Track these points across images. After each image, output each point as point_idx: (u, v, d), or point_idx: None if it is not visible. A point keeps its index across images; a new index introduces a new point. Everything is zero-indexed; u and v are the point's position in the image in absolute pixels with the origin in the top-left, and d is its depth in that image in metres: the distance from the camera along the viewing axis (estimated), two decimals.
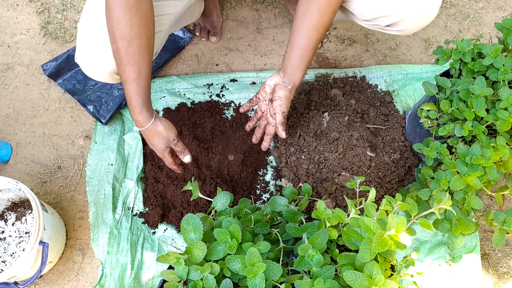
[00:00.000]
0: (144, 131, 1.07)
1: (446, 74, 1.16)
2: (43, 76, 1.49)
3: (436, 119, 1.12)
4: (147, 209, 1.30)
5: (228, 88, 1.46)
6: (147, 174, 1.33)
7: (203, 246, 0.81)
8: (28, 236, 1.23)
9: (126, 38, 0.94)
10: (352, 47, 1.55)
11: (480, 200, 1.02)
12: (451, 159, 1.05)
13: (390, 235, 0.78)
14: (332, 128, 1.28)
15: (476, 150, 0.98)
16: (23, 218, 1.25)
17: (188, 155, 1.12)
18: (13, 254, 1.22)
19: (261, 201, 1.33)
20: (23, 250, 1.21)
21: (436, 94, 1.11)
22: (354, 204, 0.89)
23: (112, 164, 1.35)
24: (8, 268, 1.13)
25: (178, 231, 1.28)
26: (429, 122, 1.12)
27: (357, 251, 0.83)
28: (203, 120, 1.39)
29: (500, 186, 1.09)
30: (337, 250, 0.95)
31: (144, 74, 1.00)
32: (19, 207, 1.27)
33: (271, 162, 1.37)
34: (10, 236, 1.24)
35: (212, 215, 0.96)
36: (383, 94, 1.44)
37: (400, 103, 1.42)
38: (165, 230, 1.29)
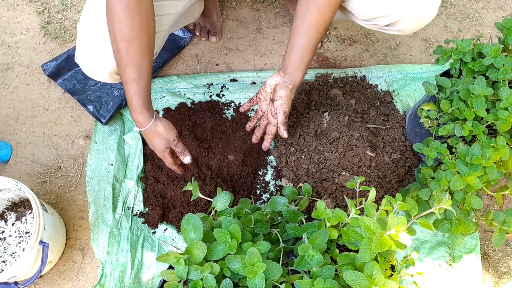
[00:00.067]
0: (144, 131, 1.07)
1: (446, 74, 1.16)
2: (43, 76, 1.49)
3: (436, 119, 1.11)
4: (147, 209, 1.30)
5: (228, 88, 1.46)
6: (147, 174, 1.33)
7: (203, 246, 0.81)
8: (28, 236, 1.23)
9: (127, 39, 0.94)
10: (352, 47, 1.55)
11: (480, 200, 1.02)
12: (451, 159, 1.05)
13: (390, 235, 0.78)
14: (332, 128, 1.28)
15: (476, 150, 0.98)
16: (23, 218, 1.25)
17: (188, 156, 1.11)
18: (13, 254, 1.22)
19: (261, 201, 1.33)
20: (23, 250, 1.21)
21: (436, 94, 1.11)
22: (354, 204, 0.89)
23: (112, 164, 1.35)
24: (8, 268, 1.13)
25: (178, 231, 1.28)
26: (429, 122, 1.12)
27: (357, 251, 0.83)
28: (203, 120, 1.39)
29: (500, 186, 1.09)
30: (337, 250, 0.95)
31: (145, 74, 1.00)
32: (19, 207, 1.27)
33: (271, 162, 1.37)
34: (10, 236, 1.24)
35: (212, 215, 0.96)
36: (383, 94, 1.44)
37: (400, 103, 1.42)
38: (165, 230, 1.29)
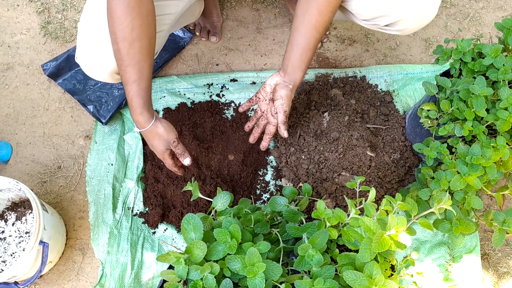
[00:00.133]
0: (144, 132, 1.07)
1: (446, 74, 1.16)
2: (43, 76, 1.49)
3: (436, 119, 1.11)
4: (147, 209, 1.30)
5: (228, 88, 1.46)
6: (147, 174, 1.33)
7: (203, 246, 0.81)
8: (28, 236, 1.23)
9: (128, 40, 0.94)
10: (352, 47, 1.55)
11: (480, 200, 1.02)
12: (451, 159, 1.05)
13: (390, 235, 0.78)
14: (332, 128, 1.28)
15: (476, 150, 0.98)
16: (23, 218, 1.25)
17: (188, 158, 1.11)
18: (13, 254, 1.22)
19: (261, 201, 1.33)
20: (23, 250, 1.21)
21: (436, 94, 1.11)
22: (354, 204, 0.89)
23: (112, 164, 1.35)
24: (8, 268, 1.13)
25: (178, 231, 1.28)
26: (429, 122, 1.12)
27: (357, 251, 0.83)
28: (203, 120, 1.38)
29: (500, 186, 1.09)
30: (337, 250, 0.95)
31: (145, 75, 1.00)
32: (19, 207, 1.27)
33: (271, 162, 1.37)
34: (10, 236, 1.24)
35: (212, 215, 0.96)
36: (383, 94, 1.44)
37: (400, 103, 1.42)
38: (165, 230, 1.29)
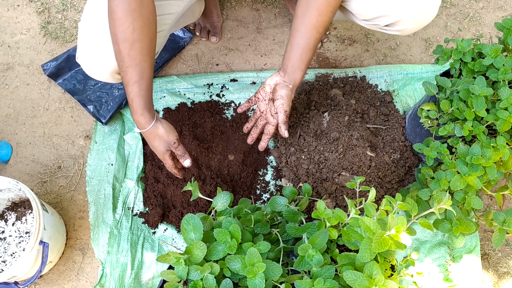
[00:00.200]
0: (145, 133, 1.07)
1: (446, 74, 1.16)
2: (43, 76, 1.49)
3: (436, 119, 1.11)
4: (147, 209, 1.30)
5: (228, 88, 1.46)
6: (147, 174, 1.33)
7: (203, 246, 0.81)
8: (28, 236, 1.23)
9: (129, 41, 0.94)
10: (352, 47, 1.55)
11: (480, 200, 1.02)
12: (451, 159, 1.05)
13: (390, 235, 0.78)
14: (332, 128, 1.28)
15: (476, 150, 0.98)
16: (23, 218, 1.25)
17: (188, 160, 1.10)
18: (13, 254, 1.22)
19: (261, 201, 1.33)
20: (23, 250, 1.21)
21: (436, 94, 1.11)
22: (354, 204, 0.89)
23: (112, 164, 1.35)
24: (8, 268, 1.13)
25: (178, 231, 1.28)
26: (429, 122, 1.12)
27: (357, 251, 0.83)
28: (203, 120, 1.38)
29: (500, 186, 1.09)
30: (337, 250, 0.95)
31: (146, 76, 1.00)
32: (19, 207, 1.27)
33: (271, 162, 1.37)
34: (10, 236, 1.24)
35: (212, 215, 0.96)
36: (383, 94, 1.44)
37: (400, 103, 1.42)
38: (165, 230, 1.29)
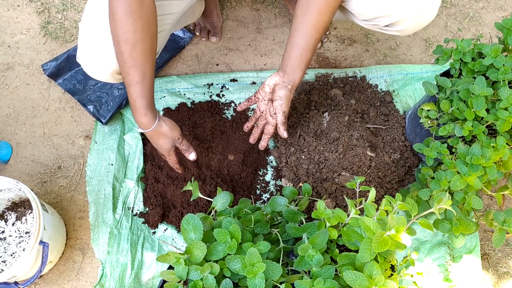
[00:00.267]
0: (149, 133, 1.07)
1: (446, 74, 1.16)
2: (43, 76, 1.49)
3: (436, 119, 1.11)
4: (147, 209, 1.30)
5: (228, 88, 1.46)
6: (147, 174, 1.33)
7: (203, 246, 0.81)
8: (28, 236, 1.23)
9: (130, 42, 0.94)
10: (352, 47, 1.55)
11: (480, 200, 1.02)
12: (451, 159, 1.05)
13: (390, 235, 0.78)
14: (332, 128, 1.28)
15: (476, 150, 0.98)
16: (23, 218, 1.25)
17: (193, 153, 1.13)
18: (13, 254, 1.22)
19: (261, 201, 1.33)
20: (23, 250, 1.21)
21: (436, 94, 1.11)
22: (354, 204, 0.89)
23: (112, 164, 1.35)
24: (8, 268, 1.13)
25: (178, 231, 1.28)
26: (429, 122, 1.12)
27: (357, 251, 0.83)
28: (203, 120, 1.39)
29: (500, 186, 1.09)
30: (337, 250, 0.95)
31: (148, 76, 1.00)
32: (19, 207, 1.27)
33: (271, 162, 1.37)
34: (10, 236, 1.24)
35: (212, 215, 0.96)
36: (383, 94, 1.44)
37: (400, 103, 1.42)
38: (165, 230, 1.29)
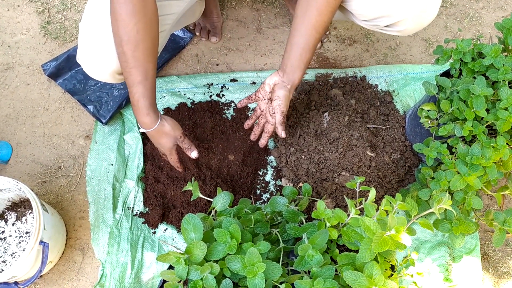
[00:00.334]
0: (151, 132, 1.07)
1: (446, 74, 1.16)
2: (43, 76, 1.49)
3: (436, 119, 1.11)
4: (147, 209, 1.30)
5: (228, 88, 1.46)
6: (147, 174, 1.33)
7: (203, 246, 0.81)
8: (29, 236, 1.23)
9: (132, 42, 0.94)
10: (352, 47, 1.55)
11: (480, 200, 1.02)
12: (451, 159, 1.05)
13: (390, 235, 0.78)
14: (332, 128, 1.28)
15: (476, 150, 0.98)
16: (23, 218, 1.25)
17: (195, 151, 1.14)
18: (13, 254, 1.22)
19: (261, 201, 1.33)
20: (24, 250, 1.21)
21: (436, 94, 1.11)
22: (354, 204, 0.89)
23: (112, 164, 1.35)
24: (8, 268, 1.13)
25: (178, 231, 1.28)
26: (429, 122, 1.12)
27: (357, 251, 0.83)
28: (203, 120, 1.39)
29: (500, 186, 1.09)
30: (337, 250, 0.95)
31: (150, 76, 1.00)
32: (19, 207, 1.27)
33: (271, 162, 1.37)
34: (10, 236, 1.24)
35: (212, 215, 0.96)
36: (383, 94, 1.44)
37: (400, 103, 1.42)
38: (165, 230, 1.29)
